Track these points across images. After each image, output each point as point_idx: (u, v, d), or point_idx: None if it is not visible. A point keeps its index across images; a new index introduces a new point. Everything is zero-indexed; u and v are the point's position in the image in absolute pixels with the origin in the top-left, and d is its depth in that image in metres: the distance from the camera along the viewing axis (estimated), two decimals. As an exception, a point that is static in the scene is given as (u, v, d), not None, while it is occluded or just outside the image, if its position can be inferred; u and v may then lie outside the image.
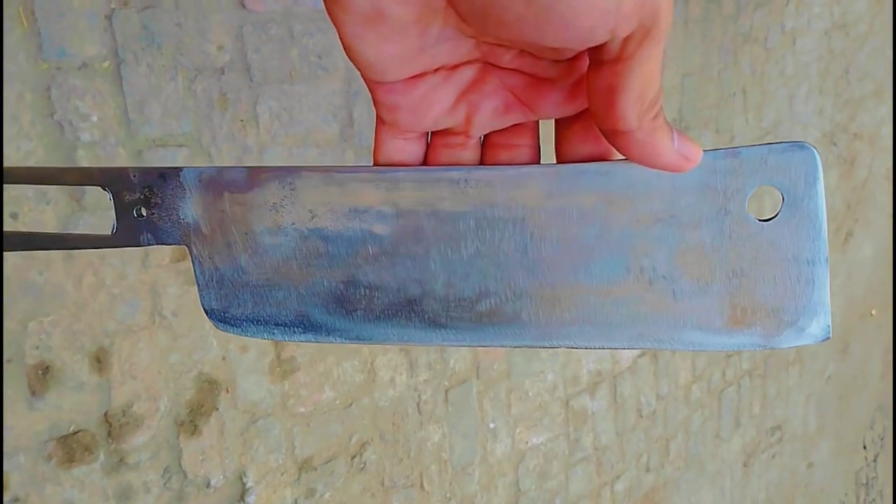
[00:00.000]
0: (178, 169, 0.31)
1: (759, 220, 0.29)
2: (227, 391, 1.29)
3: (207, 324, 1.25)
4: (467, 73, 0.28)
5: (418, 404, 1.59)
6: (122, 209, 0.31)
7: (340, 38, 0.26)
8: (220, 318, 0.32)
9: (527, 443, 1.87)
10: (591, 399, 2.04)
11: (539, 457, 1.91)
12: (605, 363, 2.06)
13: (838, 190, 3.12)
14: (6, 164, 1.03)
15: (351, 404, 1.47)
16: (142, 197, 0.31)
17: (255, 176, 0.31)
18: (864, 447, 3.90)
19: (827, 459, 3.50)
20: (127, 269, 1.15)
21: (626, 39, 0.24)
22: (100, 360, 1.14)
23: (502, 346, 0.31)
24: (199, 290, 0.32)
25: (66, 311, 1.10)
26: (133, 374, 1.17)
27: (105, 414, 1.15)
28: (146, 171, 0.31)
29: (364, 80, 0.28)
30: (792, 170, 0.28)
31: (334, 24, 0.26)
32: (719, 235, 0.29)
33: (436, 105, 0.29)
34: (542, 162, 0.31)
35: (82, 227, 1.10)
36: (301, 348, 1.37)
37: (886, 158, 3.52)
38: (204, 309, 0.32)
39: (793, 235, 0.29)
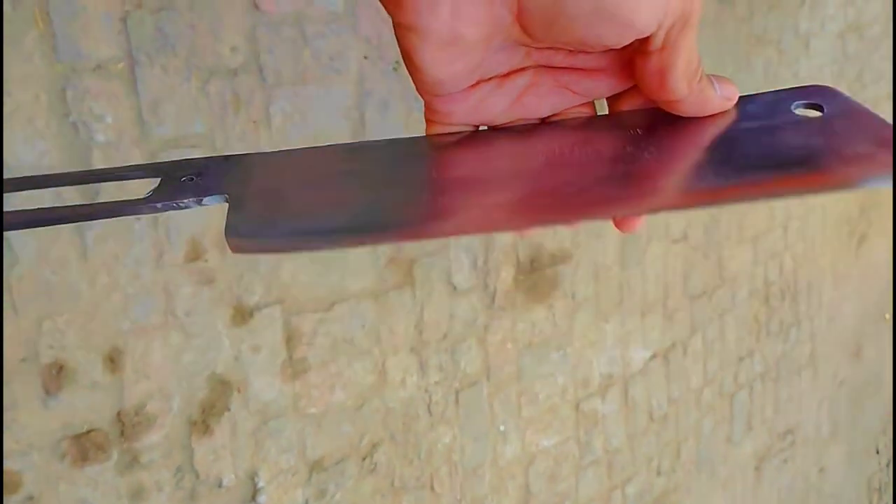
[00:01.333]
0: (230, 155, 0.32)
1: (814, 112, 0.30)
2: (239, 391, 1.29)
3: (220, 323, 1.25)
4: (521, 80, 0.30)
5: (429, 406, 1.59)
6: (165, 181, 0.32)
7: (411, 61, 0.27)
8: (240, 225, 0.29)
9: (537, 445, 1.87)
10: (601, 402, 2.03)
11: (549, 459, 1.91)
12: (617, 366, 2.06)
13: (852, 194, 3.10)
14: (19, 165, 1.04)
15: (362, 405, 1.47)
16: (191, 173, 0.32)
17: (310, 153, 0.32)
18: (878, 452, 3.87)
19: (839, 464, 3.47)
20: (141, 269, 1.15)
21: (671, 28, 0.27)
22: (113, 360, 1.15)
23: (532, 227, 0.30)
24: (229, 210, 0.30)
25: (80, 311, 1.11)
26: (146, 373, 1.18)
27: (118, 413, 1.16)
28: (209, 159, 0.32)
29: (419, 92, 0.29)
30: (823, 98, 0.31)
31: (407, 49, 0.27)
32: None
33: (491, 109, 0.31)
34: None
35: (97, 228, 1.11)
36: (312, 348, 1.38)
37: (901, 161, 3.49)
38: (227, 224, 0.29)
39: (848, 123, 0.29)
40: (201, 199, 0.31)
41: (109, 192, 1.11)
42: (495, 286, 1.68)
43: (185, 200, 0.31)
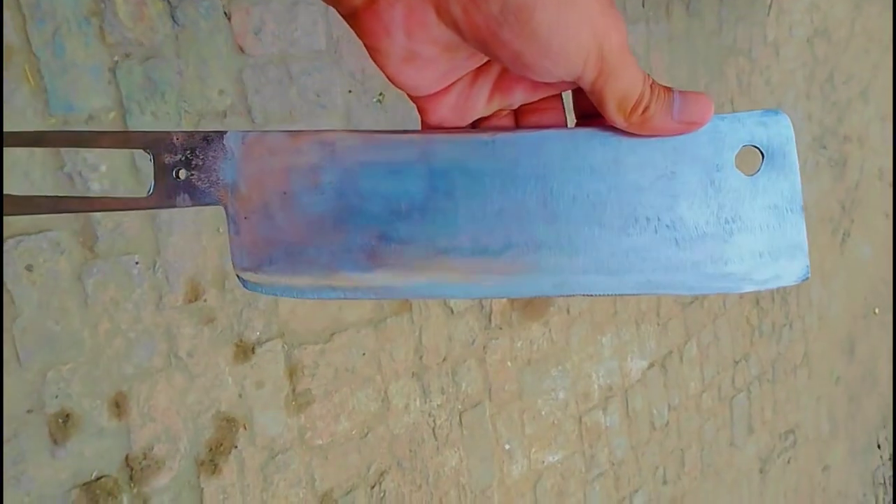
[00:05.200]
0: (223, 132, 0.33)
1: (745, 175, 0.33)
2: (245, 428, 1.30)
3: (222, 361, 1.26)
4: (492, 72, 0.33)
5: (433, 429, 1.60)
6: (160, 171, 0.32)
7: (384, 74, 0.31)
8: (251, 277, 0.33)
9: (543, 462, 1.88)
10: (603, 414, 2.04)
11: (556, 475, 1.92)
12: (615, 377, 2.07)
13: (832, 192, 3.16)
14: (17, 218, 1.05)
15: (367, 433, 1.48)
16: (182, 159, 0.32)
17: (297, 139, 0.33)
18: (878, 446, 3.89)
19: (842, 461, 3.48)
20: (142, 313, 1.17)
21: (594, 81, 0.30)
22: (118, 405, 1.15)
23: (521, 296, 0.34)
24: (232, 249, 0.33)
25: (83, 359, 1.12)
26: (152, 416, 1.19)
27: (126, 458, 1.16)
28: (190, 135, 0.32)
29: (407, 95, 0.33)
30: (769, 132, 0.33)
31: (377, 65, 0.31)
32: (712, 188, 0.33)
33: (473, 103, 0.33)
34: (567, 118, 0.35)
35: (96, 275, 1.12)
36: (315, 380, 1.39)
37: (877, 158, 3.56)
38: (235, 268, 0.33)
39: (772, 188, 0.33)
40: (198, 202, 0.33)
41: (108, 241, 1.13)
42: (491, 306, 1.70)
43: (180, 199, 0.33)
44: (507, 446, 1.78)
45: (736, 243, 0.33)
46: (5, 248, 1.04)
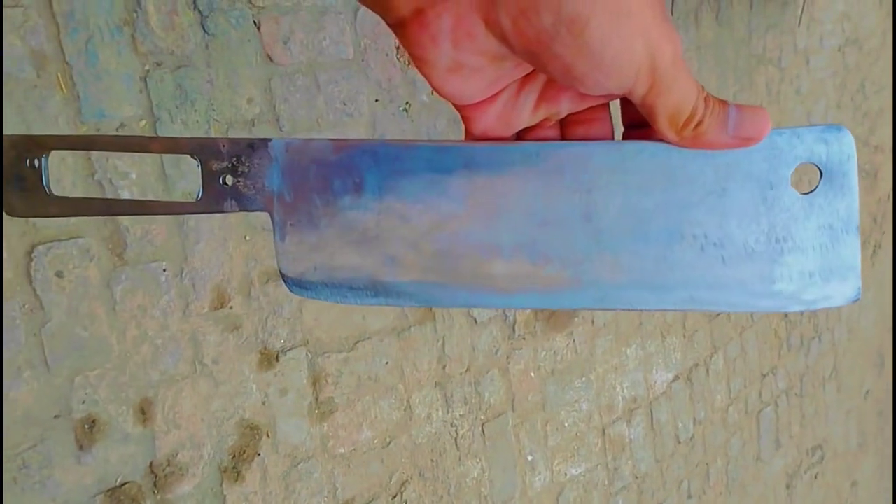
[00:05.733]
0: (267, 140, 0.33)
1: (800, 194, 0.32)
2: (268, 436, 1.30)
3: (247, 369, 1.27)
4: (538, 81, 0.32)
5: (456, 440, 1.59)
6: (208, 177, 0.33)
7: (430, 83, 0.30)
8: (296, 282, 0.34)
9: (566, 474, 1.86)
10: (627, 427, 2.02)
11: (579, 488, 1.90)
12: (640, 388, 2.05)
13: (864, 204, 3.10)
14: (47, 224, 1.07)
15: (389, 443, 1.47)
16: (229, 165, 0.33)
17: (340, 147, 0.33)
18: (909, 463, 3.81)
19: (871, 477, 3.41)
20: (168, 320, 1.17)
21: (645, 95, 0.29)
22: (144, 411, 1.16)
23: (561, 308, 0.34)
24: (278, 255, 0.34)
25: (110, 365, 1.12)
26: (177, 423, 1.19)
27: (150, 464, 1.17)
28: (235, 142, 0.33)
29: (452, 104, 0.32)
30: (828, 149, 0.32)
31: (423, 74, 0.30)
32: (764, 206, 0.32)
33: (519, 112, 0.32)
34: (614, 130, 0.34)
35: (125, 282, 1.13)
36: (338, 388, 1.38)
37: (909, 168, 3.50)
38: (281, 273, 0.34)
39: (828, 207, 0.32)
40: (244, 207, 0.33)
41: (136, 247, 1.14)
42: (515, 316, 1.69)
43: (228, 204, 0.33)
44: (529, 457, 1.76)
45: (786, 263, 0.32)
46: (35, 254, 1.06)
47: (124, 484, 1.15)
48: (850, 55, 2.88)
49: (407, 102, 1.43)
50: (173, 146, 0.33)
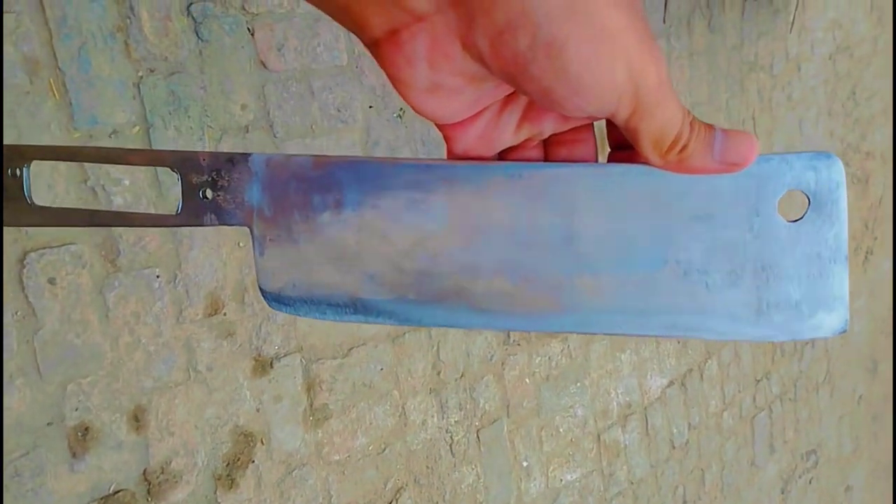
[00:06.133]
0: (248, 154, 0.33)
1: (787, 221, 0.32)
2: (262, 443, 1.29)
3: (241, 376, 1.26)
4: (520, 101, 0.31)
5: (451, 446, 1.59)
6: (188, 191, 0.32)
7: (408, 103, 0.29)
8: (275, 297, 0.34)
9: (561, 480, 1.85)
10: (622, 432, 2.02)
11: (574, 494, 1.89)
12: (634, 394, 2.05)
13: (855, 210, 3.12)
14: (40, 231, 1.06)
15: (384, 449, 1.47)
16: (209, 179, 0.32)
17: (321, 164, 0.33)
18: (903, 468, 3.81)
19: (865, 481, 3.42)
20: (162, 327, 1.17)
21: (628, 118, 0.28)
22: (138, 419, 1.15)
23: (541, 331, 0.33)
24: (257, 271, 0.33)
25: (103, 372, 1.12)
26: (170, 430, 1.18)
27: (144, 472, 1.16)
28: (215, 156, 0.32)
29: (434, 123, 0.31)
30: (818, 176, 0.31)
31: (400, 95, 0.29)
32: (750, 233, 0.31)
33: (501, 132, 0.32)
34: (598, 151, 0.33)
35: (118, 289, 1.12)
36: (333, 395, 1.38)
37: (900, 174, 3.52)
38: (260, 289, 0.33)
39: (816, 236, 0.31)
40: (224, 222, 0.33)
41: (129, 255, 1.13)
42: (509, 322, 1.69)
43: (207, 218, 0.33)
44: (524, 463, 1.76)
45: (771, 291, 0.32)
46: (27, 260, 1.05)
47: (118, 492, 1.14)
48: (840, 62, 2.90)
49: (401, 109, 1.44)
50: (154, 159, 0.33)
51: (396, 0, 0.26)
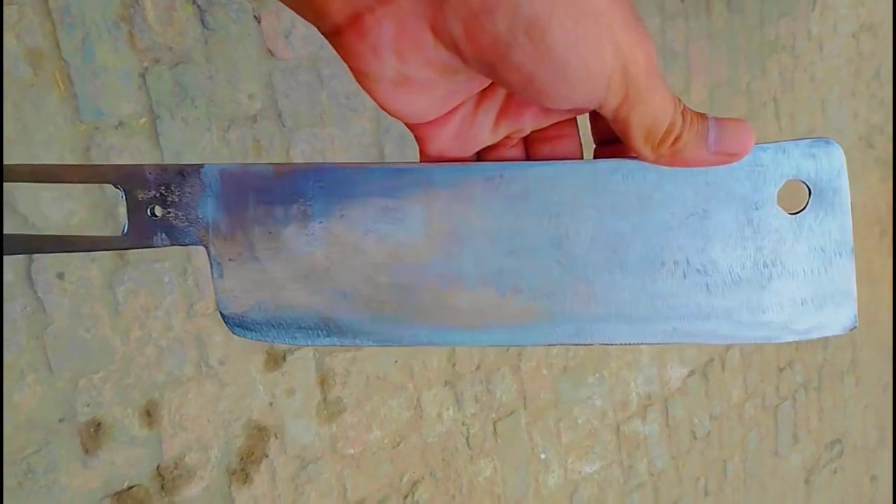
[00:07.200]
0: (200, 166, 0.30)
1: (788, 214, 0.30)
2: (276, 437, 1.28)
3: (254, 369, 1.25)
4: (497, 96, 0.29)
5: (467, 438, 1.57)
6: (134, 208, 0.30)
7: (374, 100, 0.27)
8: (238, 322, 0.31)
9: (580, 472, 1.83)
10: (642, 423, 1.99)
11: (593, 486, 1.87)
12: (654, 385, 2.02)
13: (880, 193, 3.05)
14: (48, 225, 1.05)
15: (399, 442, 1.45)
16: (157, 195, 0.30)
17: (281, 173, 0.30)
18: (930, 456, 3.75)
19: (890, 471, 3.37)
20: (173, 321, 1.15)
21: (617, 108, 0.26)
22: (150, 414, 1.15)
23: (534, 344, 0.31)
24: (217, 293, 0.31)
25: (114, 367, 1.11)
26: (183, 425, 1.17)
27: (157, 467, 1.15)
28: (163, 169, 0.30)
29: (404, 123, 0.29)
30: (817, 164, 0.30)
31: (365, 90, 0.26)
32: (749, 228, 0.30)
33: (477, 130, 0.29)
34: (583, 147, 0.31)
35: (127, 283, 1.11)
36: (347, 388, 1.36)
37: (926, 156, 3.44)
38: (221, 313, 0.31)
39: (819, 228, 0.30)
40: (176, 241, 0.31)
41: (142, 251, 1.12)
42: (526, 313, 1.67)
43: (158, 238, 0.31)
44: (542, 456, 1.74)
45: (775, 290, 0.30)
46: (35, 255, 1.04)
47: (131, 487, 1.14)
48: (864, 41, 2.83)
49: (412, 96, 1.41)
50: (93, 175, 0.30)
51: None
